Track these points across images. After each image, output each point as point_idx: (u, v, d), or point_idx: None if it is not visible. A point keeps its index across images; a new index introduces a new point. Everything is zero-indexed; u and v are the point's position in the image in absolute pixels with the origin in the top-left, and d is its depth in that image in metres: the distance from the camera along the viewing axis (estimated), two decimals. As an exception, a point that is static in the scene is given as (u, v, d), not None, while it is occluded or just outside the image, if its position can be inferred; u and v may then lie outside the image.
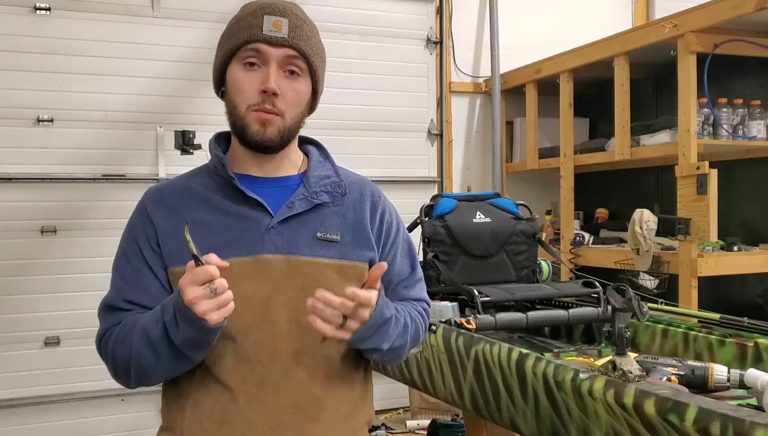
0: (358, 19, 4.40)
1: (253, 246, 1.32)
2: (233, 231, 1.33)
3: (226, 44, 1.34)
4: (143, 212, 1.38)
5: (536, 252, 2.92)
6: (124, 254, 1.38)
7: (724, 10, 3.11)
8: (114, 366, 1.35)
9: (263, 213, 1.35)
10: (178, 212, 1.34)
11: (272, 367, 1.30)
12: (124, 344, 1.30)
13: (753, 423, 1.34)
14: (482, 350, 2.21)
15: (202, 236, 1.25)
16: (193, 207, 1.35)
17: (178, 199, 1.37)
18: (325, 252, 1.35)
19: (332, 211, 1.40)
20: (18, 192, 3.74)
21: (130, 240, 1.38)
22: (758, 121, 3.47)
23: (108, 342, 1.35)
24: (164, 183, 1.44)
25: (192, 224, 1.21)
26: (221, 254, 1.21)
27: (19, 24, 3.75)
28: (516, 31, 4.90)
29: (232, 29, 1.34)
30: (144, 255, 1.35)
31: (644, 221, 3.40)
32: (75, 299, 3.80)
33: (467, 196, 2.93)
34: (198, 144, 3.89)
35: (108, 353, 1.35)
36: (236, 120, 1.34)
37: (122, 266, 1.37)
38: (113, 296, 1.38)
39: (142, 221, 1.37)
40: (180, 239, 1.20)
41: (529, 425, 2.08)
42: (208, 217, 1.34)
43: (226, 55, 1.34)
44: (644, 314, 2.39)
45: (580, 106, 4.29)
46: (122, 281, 1.36)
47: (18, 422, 3.73)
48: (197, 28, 4.06)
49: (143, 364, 1.28)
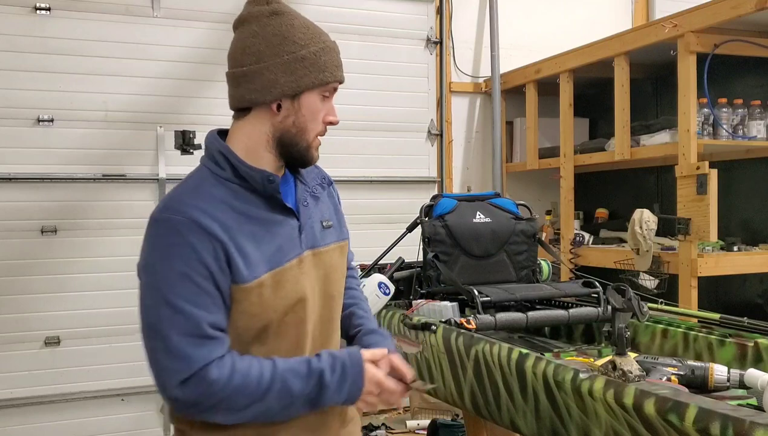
0: (358, 19, 4.40)
1: (295, 249, 1.44)
2: (278, 239, 1.42)
3: (315, 74, 1.42)
4: (201, 229, 1.32)
5: (536, 252, 2.92)
6: (187, 278, 1.31)
7: (724, 10, 3.11)
8: (226, 404, 1.33)
9: (290, 215, 1.46)
10: (231, 228, 1.36)
11: (315, 349, 1.46)
12: (249, 389, 1.33)
13: (753, 423, 1.34)
14: (482, 350, 2.21)
15: (253, 249, 1.36)
16: (238, 220, 1.37)
17: (222, 214, 1.36)
18: (329, 238, 1.52)
19: (322, 199, 1.56)
20: (18, 192, 3.74)
21: (191, 262, 1.31)
22: (758, 121, 3.47)
23: (221, 380, 1.31)
24: (187, 201, 1.36)
25: (243, 237, 1.35)
26: (273, 263, 1.38)
27: (19, 24, 3.75)
28: (516, 31, 4.91)
29: (320, 61, 1.43)
30: (214, 277, 1.33)
31: (644, 221, 3.40)
32: (75, 299, 3.80)
33: (467, 197, 2.93)
34: (198, 144, 3.89)
35: (221, 392, 1.31)
36: (300, 140, 1.43)
37: (190, 291, 1.31)
38: (194, 325, 1.30)
39: (205, 238, 1.32)
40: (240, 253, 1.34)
41: (529, 425, 2.08)
42: (254, 229, 1.39)
43: (314, 83, 1.42)
44: (644, 314, 2.39)
45: (580, 106, 4.29)
46: (196, 308, 1.31)
47: (18, 422, 3.73)
48: (197, 28, 4.06)
49: (268, 409, 1.35)
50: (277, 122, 1.42)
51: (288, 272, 1.40)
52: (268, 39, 1.40)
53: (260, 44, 1.40)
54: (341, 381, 1.38)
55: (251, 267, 1.35)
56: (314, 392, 1.36)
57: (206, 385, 1.30)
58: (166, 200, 1.39)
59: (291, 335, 1.43)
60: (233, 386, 1.31)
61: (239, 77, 1.41)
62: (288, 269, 1.40)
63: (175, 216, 1.33)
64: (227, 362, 1.32)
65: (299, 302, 1.42)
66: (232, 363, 1.33)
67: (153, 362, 1.33)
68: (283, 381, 1.34)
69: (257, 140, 1.43)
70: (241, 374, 1.32)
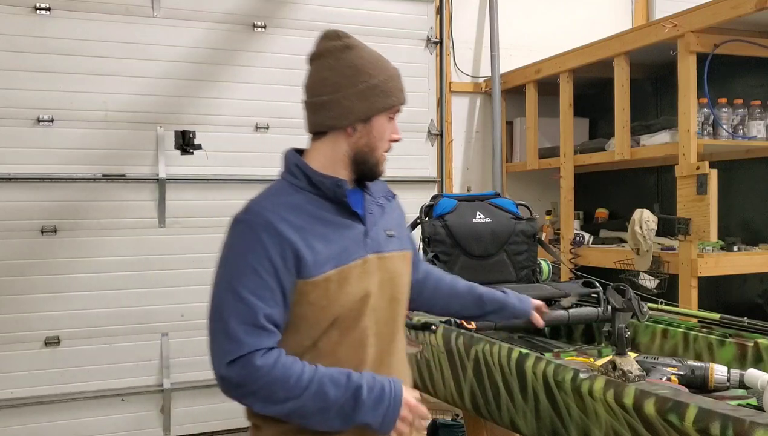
0: (358, 19, 4.40)
1: (359, 251, 1.58)
2: (346, 240, 1.57)
3: (384, 99, 1.61)
4: (274, 231, 1.50)
5: (536, 252, 2.92)
6: (255, 272, 1.48)
7: (724, 10, 3.11)
8: (265, 392, 1.45)
9: (357, 221, 1.61)
10: (303, 229, 1.53)
11: (379, 347, 1.60)
12: (288, 384, 1.45)
13: (753, 423, 1.34)
14: (482, 350, 2.21)
15: (322, 247, 1.53)
16: (310, 222, 1.55)
17: (296, 217, 1.54)
18: (392, 246, 1.67)
19: (386, 211, 1.71)
20: (18, 192, 3.74)
21: (260, 258, 1.48)
22: (758, 121, 3.47)
23: (264, 368, 1.44)
24: (266, 205, 1.55)
25: (313, 237, 1.52)
26: (339, 260, 1.54)
27: (19, 24, 3.75)
28: (516, 31, 4.91)
29: (387, 88, 1.61)
30: (278, 274, 1.49)
31: (644, 221, 3.40)
32: (75, 299, 3.80)
33: (467, 196, 2.93)
34: (198, 144, 3.89)
35: (262, 379, 1.45)
36: (369, 159, 1.63)
37: (255, 283, 1.48)
38: (251, 314, 1.46)
39: (276, 239, 1.49)
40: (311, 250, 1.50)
41: (529, 425, 2.08)
42: (323, 230, 1.55)
43: (383, 108, 1.61)
44: (644, 314, 2.39)
45: (580, 106, 4.29)
46: (258, 299, 1.47)
47: (18, 422, 3.73)
48: (197, 28, 4.06)
49: (303, 408, 1.46)
50: (351, 143, 1.61)
51: (352, 271, 1.55)
52: (343, 71, 1.58)
53: (336, 76, 1.58)
54: (377, 402, 1.49)
55: (319, 263, 1.51)
56: (349, 405, 1.47)
57: (250, 369, 1.44)
58: (247, 204, 1.58)
59: (355, 331, 1.56)
60: (274, 375, 1.44)
61: (318, 105, 1.60)
62: (353, 267, 1.55)
63: (253, 218, 1.53)
64: (273, 354, 1.46)
65: (363, 299, 1.56)
66: (278, 356, 1.46)
67: (211, 342, 1.51)
68: (321, 384, 1.46)
69: (333, 158, 1.62)
70: (283, 368, 1.45)
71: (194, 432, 4.07)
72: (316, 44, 1.64)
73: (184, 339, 4.02)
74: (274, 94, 4.19)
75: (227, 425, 4.12)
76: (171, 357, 3.99)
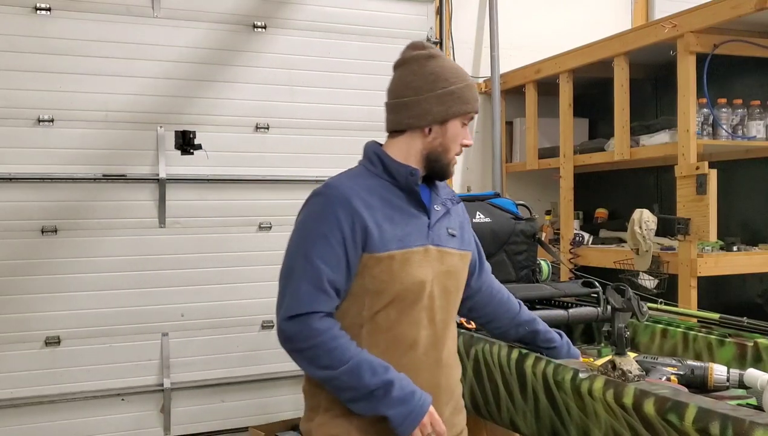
0: (358, 19, 4.40)
1: (422, 239, 1.73)
2: (410, 226, 1.72)
3: (460, 105, 1.75)
4: (348, 205, 1.65)
5: (536, 252, 2.92)
6: (325, 239, 1.64)
7: (723, 10, 3.11)
8: (311, 354, 1.62)
9: (423, 213, 1.76)
10: (373, 208, 1.69)
11: (433, 332, 1.73)
12: (332, 354, 1.61)
13: (753, 423, 1.34)
14: (482, 350, 2.21)
15: (389, 227, 1.68)
16: (381, 204, 1.70)
17: (369, 197, 1.70)
18: (453, 244, 1.80)
19: (450, 212, 1.85)
20: (18, 192, 3.74)
21: (332, 228, 1.64)
22: (758, 121, 3.47)
23: (317, 330, 1.61)
24: (344, 183, 1.71)
25: (382, 217, 1.67)
26: (403, 243, 1.68)
27: (19, 24, 3.74)
28: (516, 31, 4.90)
29: (464, 95, 1.75)
30: (346, 244, 1.64)
31: (644, 221, 3.40)
32: (75, 299, 3.80)
33: (467, 196, 2.93)
34: (198, 144, 3.89)
35: (311, 339, 1.61)
36: (441, 158, 1.78)
37: (324, 250, 1.64)
38: (317, 276, 1.63)
39: (348, 213, 1.65)
40: (378, 228, 1.65)
41: (529, 425, 2.08)
42: (392, 213, 1.71)
43: (458, 113, 1.75)
44: (644, 314, 2.39)
45: (580, 106, 4.29)
46: (324, 264, 1.63)
47: (18, 422, 3.73)
48: (197, 28, 4.06)
49: (337, 380, 1.61)
50: (426, 143, 1.76)
51: (414, 255, 1.69)
52: (426, 76, 1.74)
53: (419, 80, 1.74)
54: (405, 400, 1.61)
55: (385, 241, 1.67)
56: (379, 393, 1.60)
57: (305, 327, 1.61)
58: (327, 181, 1.73)
59: (413, 312, 1.69)
60: (321, 341, 1.60)
61: (400, 106, 1.77)
62: (415, 252, 1.70)
63: (331, 192, 1.69)
64: (329, 322, 1.63)
65: (421, 283, 1.70)
66: (332, 325, 1.63)
67: (279, 297, 1.67)
68: (359, 366, 1.60)
69: (407, 153, 1.77)
70: (332, 338, 1.61)
71: (194, 432, 4.07)
72: (402, 53, 1.82)
73: (184, 339, 4.02)
74: (274, 94, 4.19)
75: (227, 424, 4.13)
76: (171, 357, 3.99)
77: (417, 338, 1.70)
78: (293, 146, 4.22)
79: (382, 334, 1.68)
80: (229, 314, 4.08)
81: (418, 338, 1.70)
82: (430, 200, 1.79)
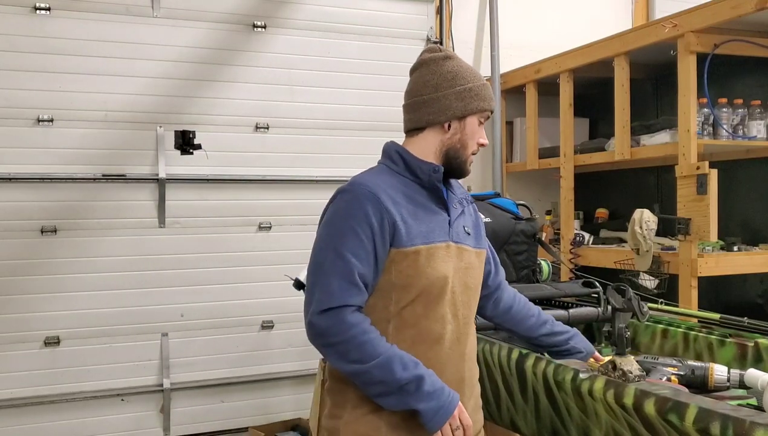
0: (358, 19, 4.40)
1: (443, 235, 1.76)
2: (433, 223, 1.76)
3: (478, 102, 1.80)
4: (376, 201, 1.69)
5: (536, 252, 2.92)
6: (355, 234, 1.67)
7: (724, 10, 3.11)
8: (342, 348, 1.63)
9: (444, 210, 1.80)
10: (399, 204, 1.72)
11: (457, 327, 1.77)
12: (364, 348, 1.63)
13: (753, 423, 1.34)
14: (482, 350, 2.21)
15: (414, 223, 1.72)
16: (405, 200, 1.74)
17: (395, 194, 1.73)
18: (469, 242, 1.84)
19: (465, 212, 1.88)
20: (18, 192, 3.74)
21: (362, 223, 1.67)
22: (758, 121, 3.47)
23: (348, 324, 1.63)
24: (370, 180, 1.74)
25: (407, 213, 1.71)
26: (427, 238, 1.72)
27: (19, 24, 3.74)
28: (516, 31, 4.90)
29: (482, 93, 1.81)
30: (375, 239, 1.67)
31: (644, 221, 3.40)
32: (75, 299, 3.80)
33: (467, 196, 2.92)
34: (198, 144, 3.88)
35: (343, 334, 1.63)
36: (460, 155, 1.82)
37: (354, 245, 1.66)
38: (348, 269, 1.65)
39: (377, 208, 1.68)
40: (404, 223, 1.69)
41: (529, 425, 2.08)
42: (415, 210, 1.75)
43: (477, 109, 1.80)
44: (644, 314, 2.39)
45: (580, 106, 4.29)
46: (355, 258, 1.66)
47: (18, 422, 3.73)
48: (197, 28, 4.06)
49: (368, 374, 1.63)
50: (446, 139, 1.80)
51: (438, 250, 1.73)
52: (444, 75, 1.81)
53: (437, 79, 1.80)
54: (435, 395, 1.64)
55: (411, 236, 1.70)
56: (411, 387, 1.62)
57: (336, 321, 1.63)
58: (352, 179, 1.77)
59: (438, 307, 1.72)
60: (353, 334, 1.62)
61: (419, 104, 1.81)
62: (438, 247, 1.73)
63: (358, 189, 1.71)
64: (360, 316, 1.66)
65: (444, 278, 1.73)
66: (363, 319, 1.66)
67: (308, 292, 1.69)
68: (390, 360, 1.62)
69: (427, 150, 1.81)
70: (364, 332, 1.63)
71: (194, 432, 4.07)
72: (419, 57, 1.88)
73: (184, 339, 4.02)
74: (274, 94, 4.19)
75: (227, 425, 4.13)
76: (171, 357, 3.99)
77: (442, 333, 1.74)
78: (293, 146, 4.21)
79: (408, 329, 1.71)
80: (229, 314, 4.08)
81: (443, 332, 1.74)
82: (448, 198, 1.83)
